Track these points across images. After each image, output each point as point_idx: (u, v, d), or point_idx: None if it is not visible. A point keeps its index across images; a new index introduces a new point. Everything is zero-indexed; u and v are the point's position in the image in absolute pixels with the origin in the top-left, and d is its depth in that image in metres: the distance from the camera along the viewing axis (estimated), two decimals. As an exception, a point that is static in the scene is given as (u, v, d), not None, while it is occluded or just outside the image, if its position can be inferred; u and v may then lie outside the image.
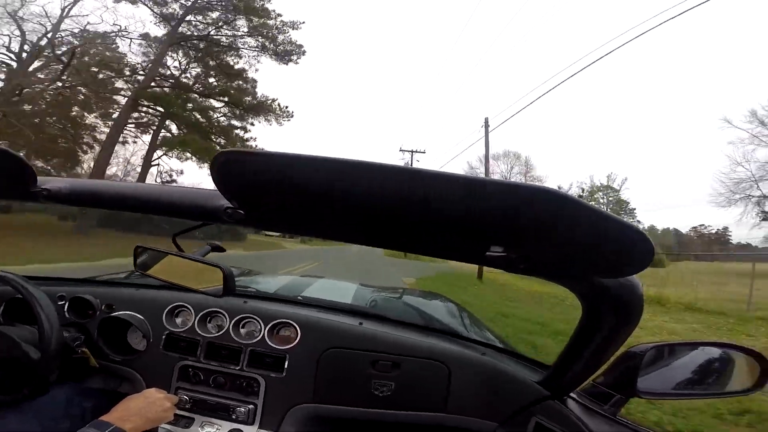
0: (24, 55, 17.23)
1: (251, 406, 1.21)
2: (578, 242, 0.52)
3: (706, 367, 1.05)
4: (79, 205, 0.87)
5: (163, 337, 1.30)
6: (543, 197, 0.45)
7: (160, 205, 0.80)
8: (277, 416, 1.21)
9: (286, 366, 1.24)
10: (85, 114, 20.11)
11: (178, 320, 1.34)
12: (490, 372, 1.21)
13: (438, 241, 0.65)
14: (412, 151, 30.58)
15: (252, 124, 22.34)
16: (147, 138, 21.89)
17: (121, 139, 20.54)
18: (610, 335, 0.78)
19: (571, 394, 1.06)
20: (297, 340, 1.27)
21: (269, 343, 1.27)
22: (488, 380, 1.20)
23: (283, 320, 1.30)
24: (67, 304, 1.32)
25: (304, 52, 21.78)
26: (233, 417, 1.20)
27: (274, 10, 20.81)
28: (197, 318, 1.31)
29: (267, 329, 1.28)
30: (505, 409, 1.16)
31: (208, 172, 0.58)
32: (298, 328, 1.28)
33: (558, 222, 0.48)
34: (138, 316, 1.31)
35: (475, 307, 6.14)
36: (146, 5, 19.76)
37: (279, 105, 21.60)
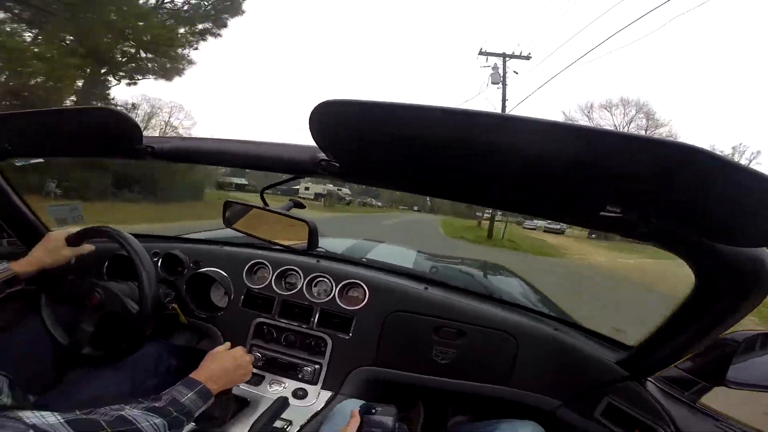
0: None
1: (317, 366, 1.26)
2: (715, 204, 0.46)
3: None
4: (180, 161, 0.92)
5: (243, 293, 1.37)
6: (679, 154, 0.40)
7: (255, 159, 0.83)
8: (339, 377, 1.25)
9: (352, 327, 1.28)
10: None
11: (257, 277, 1.41)
12: (561, 348, 1.18)
13: (548, 199, 0.60)
14: (504, 55, 18.30)
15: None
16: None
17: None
18: (722, 315, 0.70)
19: (650, 378, 1.02)
20: (365, 301, 1.30)
21: (339, 303, 1.31)
22: (558, 356, 1.17)
23: (353, 280, 1.33)
24: (160, 261, 1.43)
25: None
26: (299, 376, 1.26)
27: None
28: (274, 275, 1.37)
29: (338, 289, 1.32)
30: (573, 387, 1.13)
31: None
32: (366, 289, 1.31)
33: (692, 183, 0.43)
34: (222, 272, 1.40)
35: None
36: None
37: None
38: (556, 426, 1.15)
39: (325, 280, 1.36)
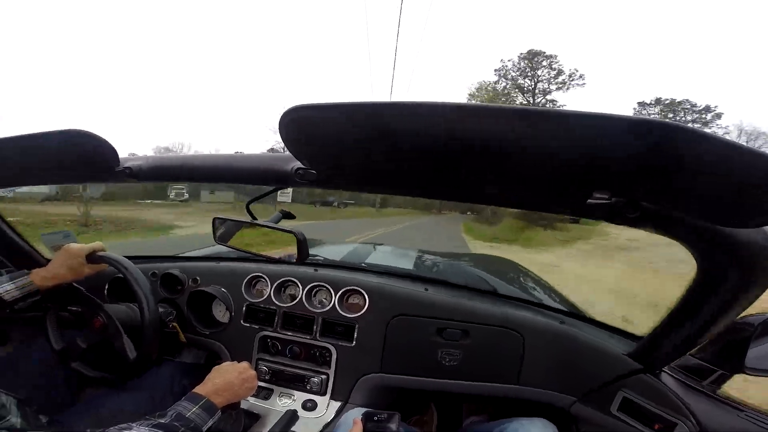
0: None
1: (324, 376, 1.25)
2: (707, 185, 0.43)
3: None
4: (158, 180, 0.90)
5: (244, 308, 1.36)
6: (661, 131, 0.38)
7: (232, 173, 0.81)
8: (347, 387, 1.24)
9: (355, 335, 1.26)
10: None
11: (256, 290, 1.40)
12: (570, 342, 1.15)
13: (530, 189, 0.57)
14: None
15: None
16: None
17: None
18: (729, 301, 0.67)
19: (665, 369, 0.98)
20: (365, 308, 1.28)
21: (339, 311, 1.29)
22: (567, 351, 1.14)
23: (352, 287, 1.31)
24: (159, 281, 1.43)
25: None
26: (308, 387, 1.25)
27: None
28: (273, 288, 1.36)
29: (337, 297, 1.30)
30: (586, 383, 1.09)
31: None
32: (366, 295, 1.29)
33: (680, 162, 0.40)
34: (221, 289, 1.39)
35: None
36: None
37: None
38: (572, 422, 1.12)
39: (324, 288, 1.34)
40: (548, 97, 33.55)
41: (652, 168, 0.43)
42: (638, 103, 34.29)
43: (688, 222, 0.55)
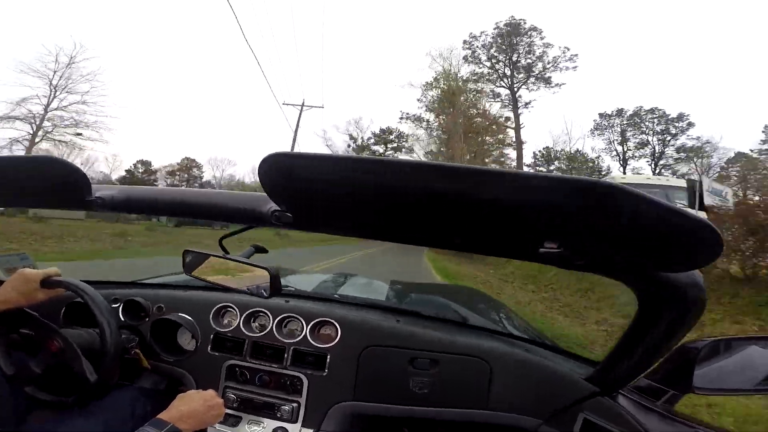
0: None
1: (294, 404, 1.23)
2: (639, 237, 0.50)
3: (765, 362, 1.01)
4: (131, 212, 0.90)
5: (211, 337, 1.33)
6: (595, 191, 0.44)
7: (208, 210, 0.82)
8: (319, 414, 1.22)
9: (327, 364, 1.26)
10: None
11: (224, 320, 1.38)
12: (533, 368, 1.20)
13: (489, 238, 0.64)
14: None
15: None
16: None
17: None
18: (667, 332, 0.75)
19: (621, 391, 1.03)
20: (337, 339, 1.28)
21: (311, 341, 1.28)
22: (532, 377, 1.19)
23: (324, 318, 1.31)
24: (121, 307, 1.38)
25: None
26: (278, 415, 1.23)
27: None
28: (242, 318, 1.34)
29: (309, 328, 1.30)
30: (551, 406, 1.14)
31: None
32: (338, 327, 1.29)
33: (617, 217, 0.46)
34: (187, 317, 1.35)
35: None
36: None
37: None
38: None
39: (296, 319, 1.33)
40: (531, 89, 31.07)
41: (591, 223, 0.49)
42: (599, 114, 33.41)
43: (631, 268, 0.63)
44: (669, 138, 31.76)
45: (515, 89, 31.62)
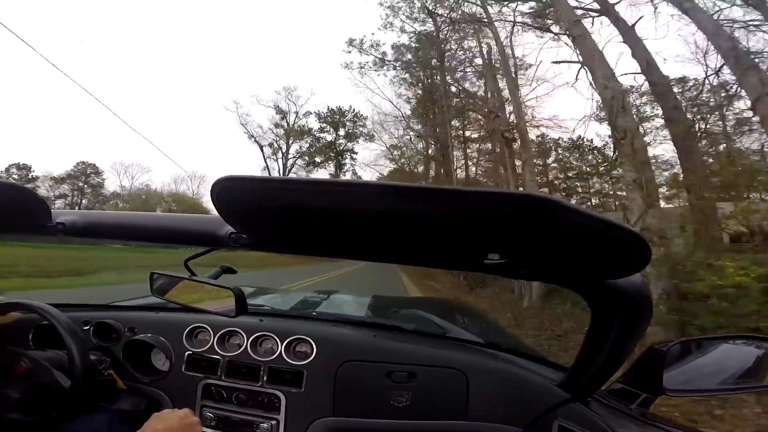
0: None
1: (273, 422, 1.22)
2: (572, 246, 0.52)
3: (736, 361, 1.03)
4: (92, 237, 0.88)
5: (185, 357, 1.32)
6: (529, 204, 0.46)
7: (168, 234, 0.82)
8: (299, 431, 1.21)
9: (304, 381, 1.25)
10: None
11: (198, 341, 1.37)
12: (508, 377, 1.21)
13: (436, 252, 0.66)
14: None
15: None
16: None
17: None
18: (622, 336, 0.77)
19: (595, 395, 1.04)
20: (313, 355, 1.28)
21: (286, 359, 1.28)
22: (507, 385, 1.19)
23: (299, 336, 1.31)
24: (91, 329, 1.36)
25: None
26: None
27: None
28: (216, 338, 1.33)
29: (283, 346, 1.30)
30: (528, 414, 1.14)
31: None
32: (313, 344, 1.29)
33: (548, 228, 0.48)
34: (160, 338, 1.34)
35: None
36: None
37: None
38: None
39: (270, 338, 1.33)
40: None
41: (525, 235, 0.51)
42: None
43: (572, 276, 0.67)
44: None
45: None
